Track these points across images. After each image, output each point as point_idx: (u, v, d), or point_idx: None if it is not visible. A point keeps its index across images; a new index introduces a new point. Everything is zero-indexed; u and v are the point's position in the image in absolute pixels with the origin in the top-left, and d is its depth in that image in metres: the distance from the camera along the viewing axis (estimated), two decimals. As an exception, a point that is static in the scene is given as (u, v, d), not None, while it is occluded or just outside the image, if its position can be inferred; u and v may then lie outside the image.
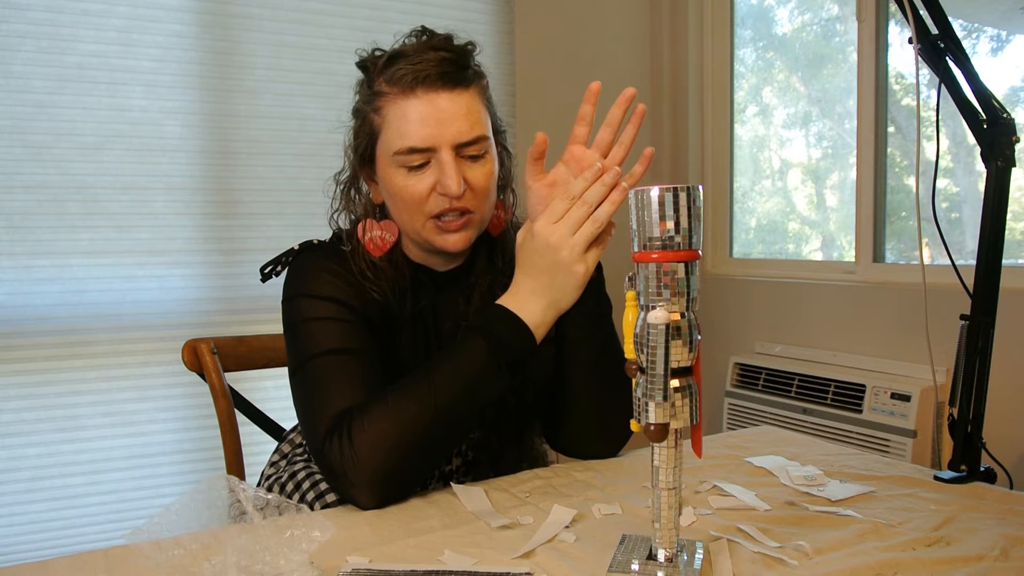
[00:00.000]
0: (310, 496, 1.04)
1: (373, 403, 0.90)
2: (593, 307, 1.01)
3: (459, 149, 0.96)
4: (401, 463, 0.89)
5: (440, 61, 0.94)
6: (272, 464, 1.18)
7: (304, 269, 1.02)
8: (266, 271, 1.05)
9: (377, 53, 0.99)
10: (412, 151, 0.95)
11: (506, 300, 0.95)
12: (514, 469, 1.06)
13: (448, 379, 0.91)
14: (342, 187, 1.07)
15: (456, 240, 0.99)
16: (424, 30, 1.01)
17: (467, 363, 0.92)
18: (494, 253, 1.10)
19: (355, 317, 0.98)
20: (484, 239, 1.10)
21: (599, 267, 1.05)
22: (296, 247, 1.05)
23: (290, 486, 1.08)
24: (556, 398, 1.08)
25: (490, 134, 1.01)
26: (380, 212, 1.06)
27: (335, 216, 1.08)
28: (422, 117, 0.94)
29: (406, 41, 1.00)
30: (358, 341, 0.97)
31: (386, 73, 0.96)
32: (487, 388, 0.93)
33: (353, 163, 1.04)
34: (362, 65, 1.01)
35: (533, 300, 0.94)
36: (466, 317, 1.06)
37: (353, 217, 1.07)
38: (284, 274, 1.05)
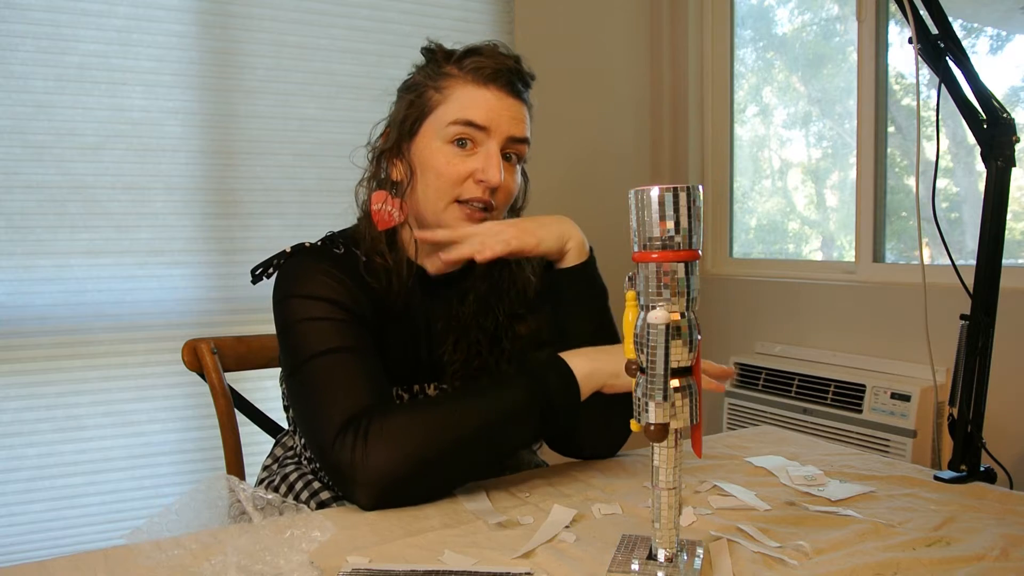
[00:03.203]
0: (304, 495, 1.04)
1: (397, 408, 0.91)
2: (592, 297, 1.05)
3: (506, 145, 1.01)
4: (411, 473, 0.88)
5: (516, 69, 1.02)
6: (265, 468, 1.18)
7: (295, 271, 1.02)
8: (257, 272, 1.05)
9: (446, 46, 1.05)
10: (468, 124, 0.99)
11: (565, 354, 0.97)
12: (495, 475, 1.05)
13: (482, 406, 0.92)
14: (377, 152, 1.07)
15: None
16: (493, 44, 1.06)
17: (505, 398, 0.93)
18: (493, 265, 1.09)
19: (349, 315, 0.98)
20: None
21: (591, 251, 1.08)
22: (287, 249, 1.05)
23: (283, 488, 1.08)
24: None
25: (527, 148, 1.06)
26: (395, 190, 1.06)
27: (363, 184, 1.08)
28: (489, 106, 1.00)
29: (488, 44, 1.05)
30: (355, 339, 0.97)
31: (461, 62, 1.01)
32: (516, 428, 0.94)
33: (400, 132, 1.04)
34: (428, 49, 1.06)
35: (587, 360, 0.96)
36: (459, 318, 1.07)
37: (375, 187, 1.07)
38: (275, 277, 1.04)
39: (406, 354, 1.05)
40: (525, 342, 1.11)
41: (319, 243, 1.07)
